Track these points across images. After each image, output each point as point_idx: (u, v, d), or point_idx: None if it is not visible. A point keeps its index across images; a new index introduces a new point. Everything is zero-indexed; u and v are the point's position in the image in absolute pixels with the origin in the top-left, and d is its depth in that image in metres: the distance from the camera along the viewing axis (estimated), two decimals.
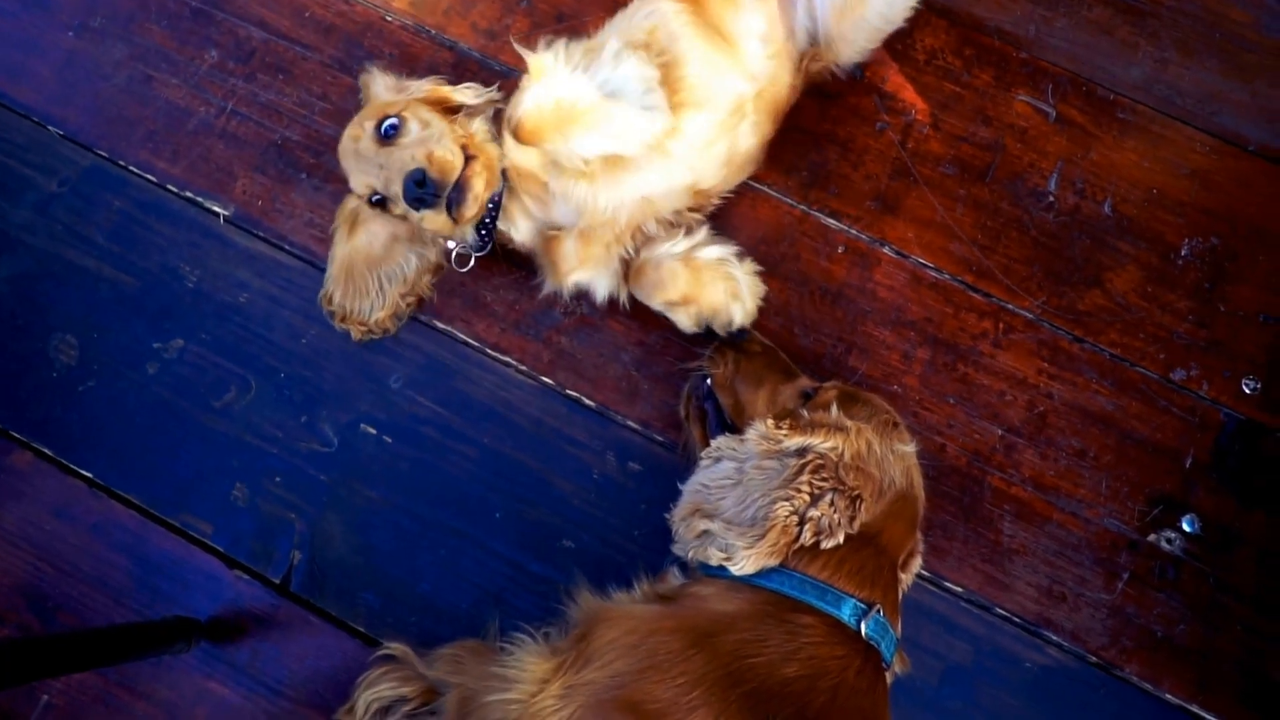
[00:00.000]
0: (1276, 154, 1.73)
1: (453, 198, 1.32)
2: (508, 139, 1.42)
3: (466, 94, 1.49)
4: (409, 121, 1.37)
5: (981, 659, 1.53)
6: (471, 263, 1.54)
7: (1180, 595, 1.55)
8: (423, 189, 1.29)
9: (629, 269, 1.54)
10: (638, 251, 1.51)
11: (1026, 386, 1.63)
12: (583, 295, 1.59)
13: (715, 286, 1.48)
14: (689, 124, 1.42)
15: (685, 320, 1.52)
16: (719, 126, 1.47)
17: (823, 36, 1.58)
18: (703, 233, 1.52)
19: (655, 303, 1.53)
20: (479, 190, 1.34)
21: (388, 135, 1.37)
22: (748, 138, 1.53)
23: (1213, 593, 1.55)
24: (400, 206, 1.36)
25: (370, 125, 1.38)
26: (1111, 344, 1.65)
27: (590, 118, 1.33)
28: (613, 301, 1.60)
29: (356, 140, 1.40)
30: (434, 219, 1.34)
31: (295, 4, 1.80)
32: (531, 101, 1.36)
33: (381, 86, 1.51)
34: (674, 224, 1.53)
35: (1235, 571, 1.56)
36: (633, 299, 1.56)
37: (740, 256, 1.53)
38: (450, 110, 1.46)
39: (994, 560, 1.56)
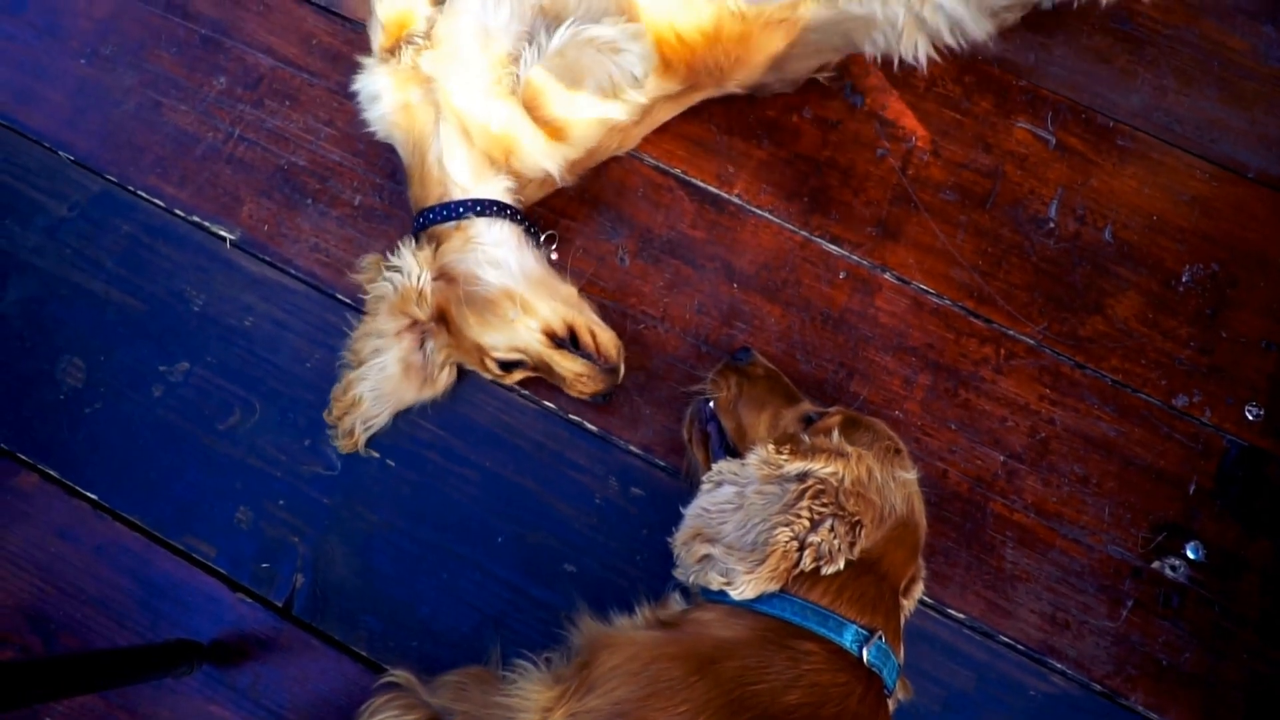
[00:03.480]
0: (1276, 181, 1.74)
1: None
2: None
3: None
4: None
5: (985, 687, 1.52)
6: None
7: (1185, 623, 1.55)
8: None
9: None
10: None
11: (1028, 412, 1.63)
12: None
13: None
14: None
15: None
16: None
17: None
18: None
19: None
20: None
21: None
22: None
23: (1218, 620, 1.55)
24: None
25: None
26: (1113, 370, 1.65)
27: None
28: (616, 327, 1.62)
29: None
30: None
31: (303, 31, 1.82)
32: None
33: None
34: None
35: (1240, 598, 1.56)
36: None
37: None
38: None
39: (997, 587, 1.56)
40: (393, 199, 1.72)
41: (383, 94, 1.56)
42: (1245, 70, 1.80)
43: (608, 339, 1.53)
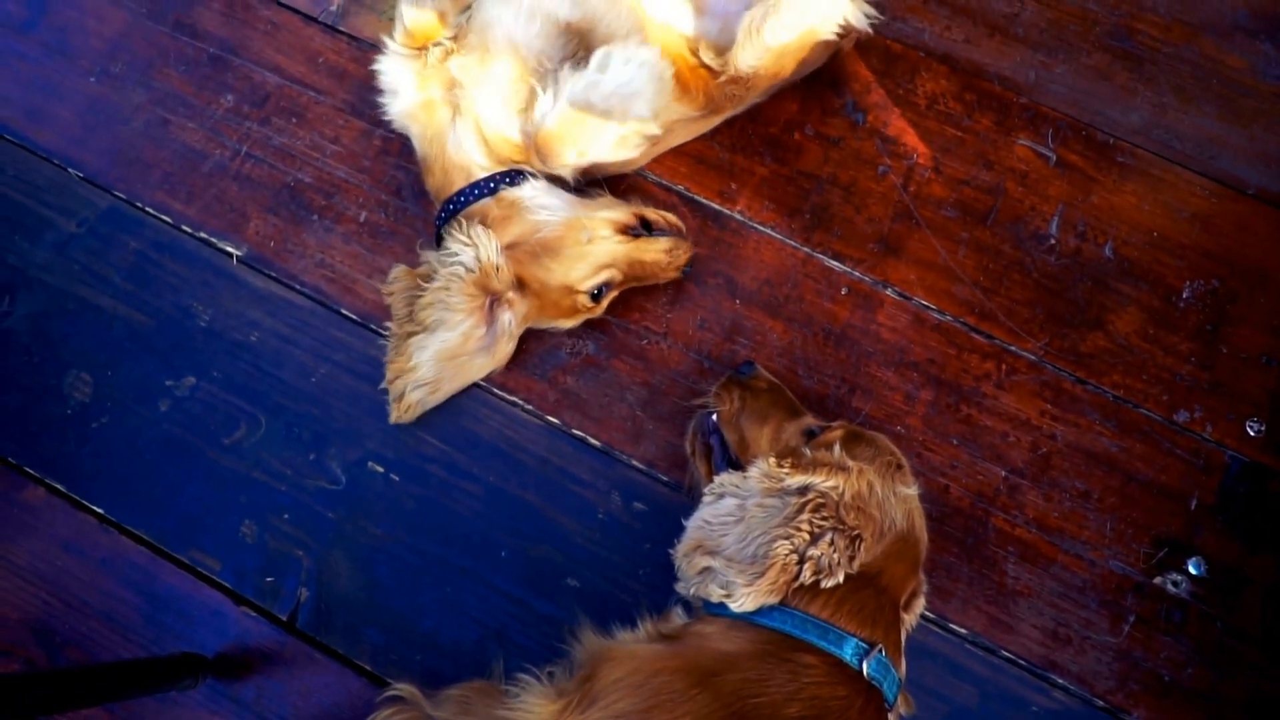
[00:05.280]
0: (1275, 197, 1.75)
1: None
2: None
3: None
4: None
5: (987, 702, 1.52)
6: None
7: (1187, 638, 1.55)
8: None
9: None
10: None
11: (1030, 428, 1.64)
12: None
13: None
14: None
15: None
16: None
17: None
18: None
19: None
20: None
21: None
22: None
23: (1220, 636, 1.55)
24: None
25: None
26: (1114, 386, 1.66)
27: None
28: (618, 342, 1.63)
29: None
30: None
31: (309, 50, 1.85)
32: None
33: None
34: None
35: (1242, 614, 1.56)
36: None
37: None
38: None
39: (999, 602, 1.56)
40: (398, 215, 1.74)
41: (405, 89, 1.59)
42: (1244, 87, 1.82)
43: (669, 214, 1.61)
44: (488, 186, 1.55)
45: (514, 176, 1.56)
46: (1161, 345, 1.68)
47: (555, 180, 1.60)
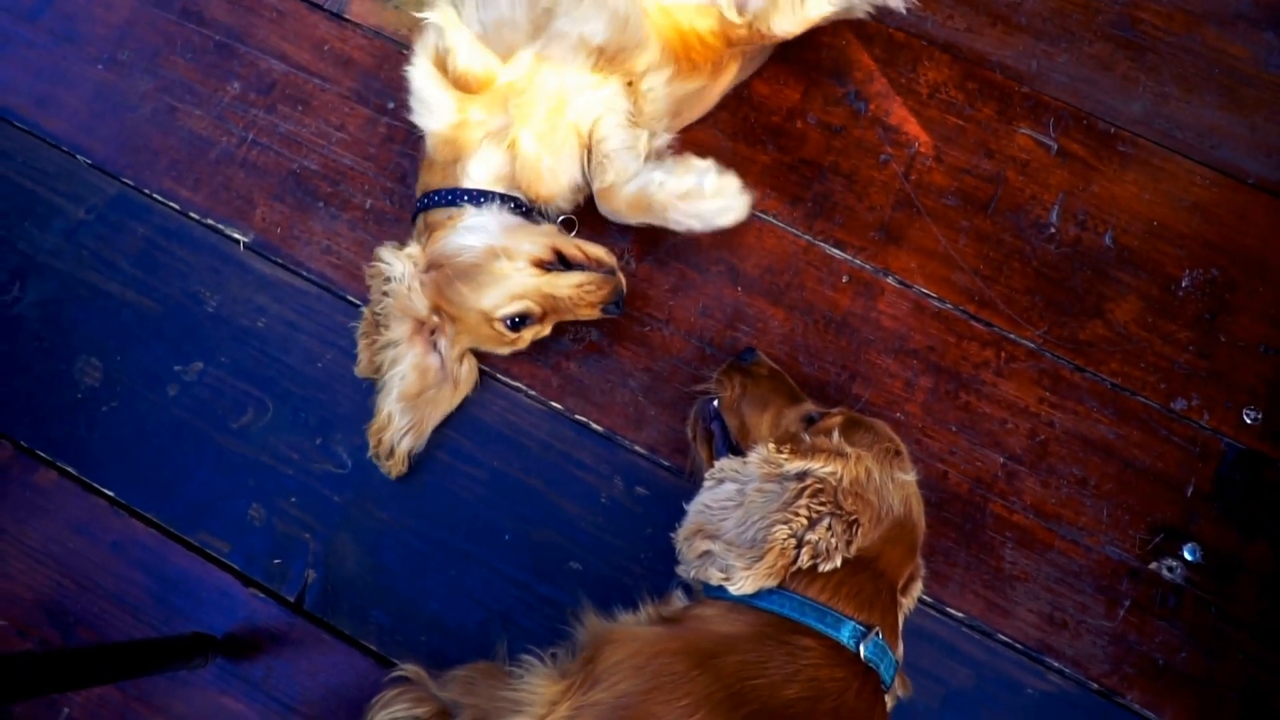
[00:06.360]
0: (1275, 187, 1.76)
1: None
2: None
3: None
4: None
5: (983, 685, 1.54)
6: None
7: (1182, 623, 1.56)
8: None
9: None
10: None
11: (1028, 415, 1.65)
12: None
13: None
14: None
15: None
16: None
17: None
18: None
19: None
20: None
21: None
22: None
23: (1214, 621, 1.57)
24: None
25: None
26: (1113, 374, 1.67)
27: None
28: (621, 329, 1.65)
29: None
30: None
31: (315, 38, 1.86)
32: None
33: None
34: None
35: (1236, 600, 1.58)
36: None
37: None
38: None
39: (996, 587, 1.58)
40: (403, 202, 1.75)
41: (442, 108, 1.54)
42: (1246, 77, 1.82)
43: (595, 248, 1.55)
44: (462, 197, 1.56)
45: (487, 197, 1.56)
46: (1160, 334, 1.69)
47: (532, 209, 1.61)
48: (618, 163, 1.55)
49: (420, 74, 1.54)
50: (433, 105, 1.56)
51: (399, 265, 1.54)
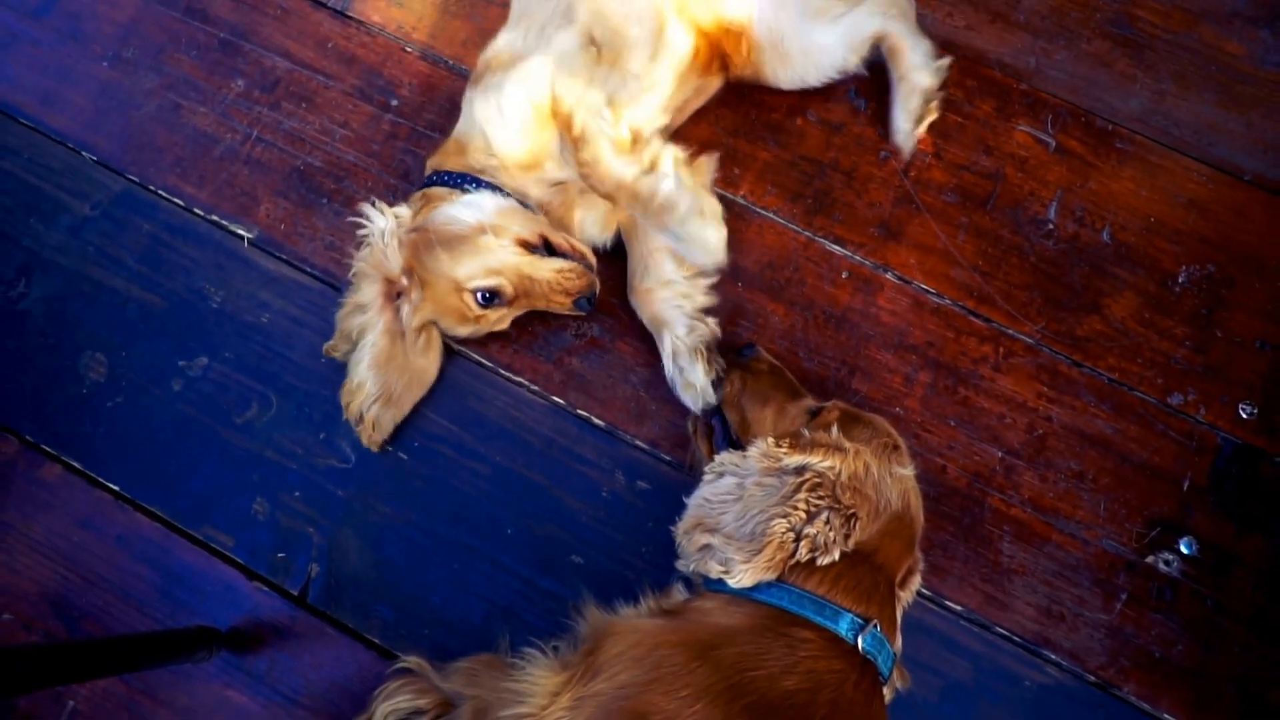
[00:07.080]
0: (1272, 184, 1.77)
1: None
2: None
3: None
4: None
5: (981, 677, 1.55)
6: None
7: (1178, 616, 1.58)
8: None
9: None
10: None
11: (1026, 410, 1.66)
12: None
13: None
14: None
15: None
16: None
17: None
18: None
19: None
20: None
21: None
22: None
23: (1210, 614, 1.58)
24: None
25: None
26: (1110, 369, 1.68)
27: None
28: (623, 324, 1.66)
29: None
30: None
31: (319, 35, 1.87)
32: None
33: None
34: None
35: (1232, 594, 1.59)
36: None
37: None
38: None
39: (994, 580, 1.59)
40: (407, 199, 1.76)
41: (518, 119, 1.54)
42: (1243, 74, 1.83)
43: (581, 244, 1.57)
44: (473, 183, 1.57)
45: (502, 194, 1.57)
46: (1157, 329, 1.70)
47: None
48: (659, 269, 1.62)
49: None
50: (509, 106, 1.55)
51: (381, 220, 1.54)
